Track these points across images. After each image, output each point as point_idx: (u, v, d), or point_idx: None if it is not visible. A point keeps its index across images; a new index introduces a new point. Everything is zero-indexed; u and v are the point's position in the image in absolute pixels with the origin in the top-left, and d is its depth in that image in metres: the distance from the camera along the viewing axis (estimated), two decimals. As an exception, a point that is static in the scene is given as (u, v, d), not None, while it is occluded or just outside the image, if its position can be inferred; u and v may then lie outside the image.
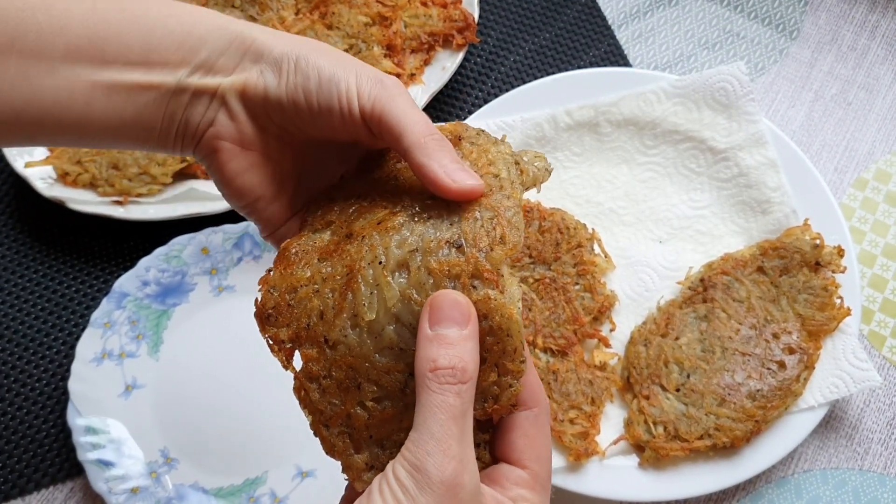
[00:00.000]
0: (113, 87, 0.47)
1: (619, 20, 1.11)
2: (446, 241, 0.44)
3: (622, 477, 0.80)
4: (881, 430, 0.87)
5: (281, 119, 0.49)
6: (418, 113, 0.47)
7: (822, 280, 0.84)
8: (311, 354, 0.44)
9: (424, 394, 0.39)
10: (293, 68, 0.47)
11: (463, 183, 0.44)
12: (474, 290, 0.42)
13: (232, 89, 0.48)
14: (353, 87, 0.47)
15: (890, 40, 1.08)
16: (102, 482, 0.81)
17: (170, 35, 0.48)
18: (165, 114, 0.49)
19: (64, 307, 0.94)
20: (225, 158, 0.50)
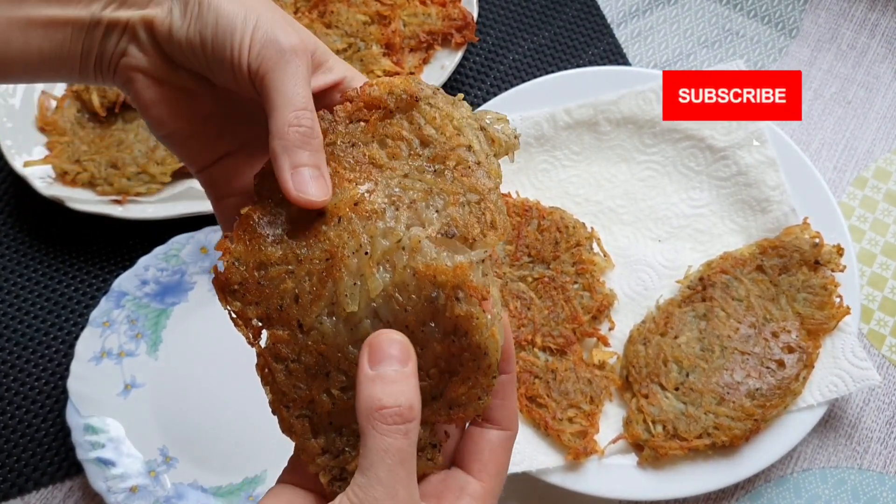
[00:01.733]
0: (30, 23, 0.48)
1: (618, 19, 1.11)
2: (438, 231, 0.43)
3: (621, 476, 0.80)
4: (880, 429, 0.87)
5: (184, 59, 0.48)
6: (300, 89, 0.45)
7: (821, 279, 0.84)
8: (282, 336, 0.43)
9: (370, 436, 0.39)
10: (197, 10, 0.46)
11: (304, 196, 0.43)
12: (458, 302, 0.41)
13: (141, 23, 0.48)
14: (247, 42, 0.45)
15: (890, 38, 1.08)
16: (101, 481, 0.81)
17: None
18: (83, 48, 0.49)
19: (63, 306, 0.94)
20: (139, 88, 0.49)
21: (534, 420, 0.82)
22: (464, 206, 0.44)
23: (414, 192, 0.45)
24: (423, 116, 0.48)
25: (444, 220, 0.43)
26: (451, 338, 0.42)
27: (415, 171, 0.46)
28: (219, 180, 0.54)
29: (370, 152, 0.47)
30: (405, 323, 0.42)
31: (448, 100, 0.49)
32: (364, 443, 0.39)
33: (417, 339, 0.42)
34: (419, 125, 0.48)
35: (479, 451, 0.45)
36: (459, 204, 0.44)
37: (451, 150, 0.46)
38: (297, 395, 0.44)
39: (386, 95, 0.48)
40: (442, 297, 0.41)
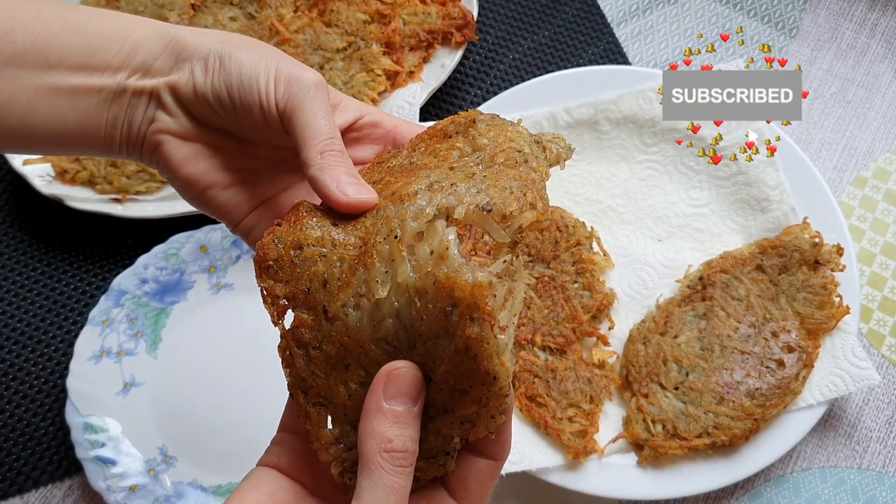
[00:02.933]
0: (55, 91, 0.49)
1: (618, 18, 1.11)
2: (475, 204, 0.42)
3: (621, 475, 0.80)
4: (880, 429, 0.87)
5: (211, 114, 0.50)
6: (325, 120, 0.47)
7: (821, 278, 0.84)
8: (306, 320, 0.43)
9: (377, 472, 0.40)
10: (218, 66, 0.49)
11: (355, 196, 0.44)
12: (471, 322, 0.40)
13: (165, 87, 0.50)
14: (272, 85, 0.48)
15: (889, 38, 1.08)
16: (101, 480, 0.81)
17: (109, 41, 0.50)
18: (108, 117, 0.51)
19: (62, 305, 0.94)
20: (168, 150, 0.51)
21: (533, 419, 0.82)
22: (504, 189, 0.43)
23: (455, 178, 0.44)
24: (478, 131, 0.49)
25: (482, 197, 0.42)
26: (461, 357, 0.40)
27: (461, 165, 0.46)
28: (255, 228, 0.55)
29: (422, 161, 0.48)
30: (420, 331, 0.41)
31: (506, 122, 0.50)
32: (369, 475, 0.40)
33: (430, 352, 0.41)
34: (473, 137, 0.49)
35: (466, 477, 0.46)
36: (501, 187, 0.43)
37: (502, 151, 0.47)
38: (315, 383, 0.44)
39: (448, 125, 0.50)
40: (456, 314, 0.40)
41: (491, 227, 0.42)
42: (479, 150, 0.47)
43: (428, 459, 0.44)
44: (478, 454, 0.46)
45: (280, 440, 0.48)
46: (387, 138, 0.55)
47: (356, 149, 0.55)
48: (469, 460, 0.46)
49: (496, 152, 0.47)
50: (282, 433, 0.48)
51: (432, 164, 0.47)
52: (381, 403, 0.41)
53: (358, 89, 0.96)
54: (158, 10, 1.01)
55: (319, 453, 0.44)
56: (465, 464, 0.46)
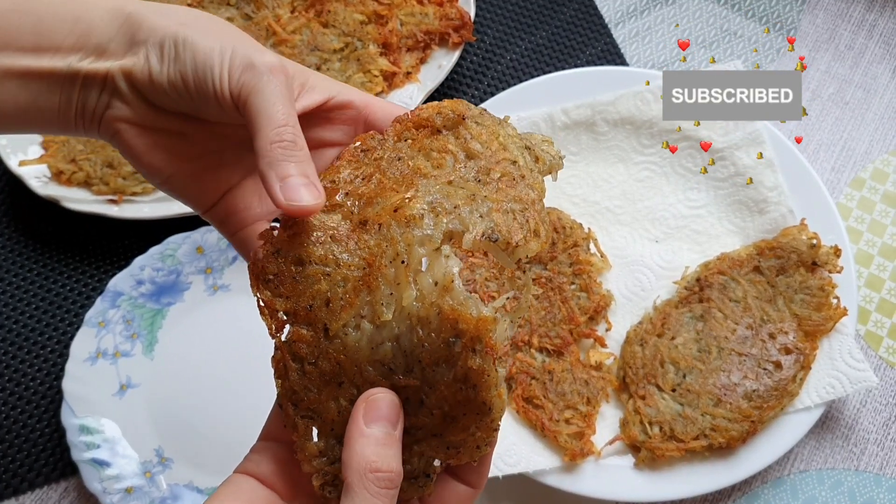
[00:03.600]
0: (5, 74, 0.47)
1: (615, 19, 1.11)
2: (481, 234, 0.42)
3: (618, 477, 0.80)
4: (877, 431, 0.87)
5: (169, 102, 0.49)
6: (280, 106, 0.45)
7: (818, 280, 0.84)
8: (305, 336, 0.43)
9: (361, 495, 0.40)
10: (174, 53, 0.47)
11: (296, 204, 0.43)
12: (473, 354, 0.41)
13: (120, 73, 0.48)
14: (226, 73, 0.46)
15: (887, 39, 1.08)
16: (97, 482, 0.81)
17: (61, 20, 0.48)
18: (61, 100, 0.49)
19: (58, 306, 0.93)
20: (127, 138, 0.50)
21: (530, 421, 0.82)
22: (507, 214, 0.44)
23: (457, 198, 0.44)
24: (469, 132, 0.48)
25: (488, 225, 0.43)
26: (459, 385, 0.42)
27: (459, 178, 0.46)
28: (229, 216, 0.54)
29: (415, 163, 0.48)
30: (419, 357, 0.42)
31: (495, 119, 0.50)
32: (353, 498, 0.41)
33: (427, 377, 0.42)
34: (465, 139, 0.48)
35: (444, 499, 0.47)
36: (503, 211, 0.44)
37: (497, 162, 0.47)
38: (306, 397, 0.44)
39: (435, 115, 0.49)
40: (459, 345, 0.41)
41: (498, 254, 0.43)
42: (474, 158, 0.47)
43: (409, 480, 0.45)
44: (457, 479, 0.47)
45: (261, 448, 0.48)
46: (358, 119, 0.53)
47: (327, 129, 0.54)
48: (450, 484, 0.47)
49: (492, 164, 0.47)
50: (263, 441, 0.48)
51: (427, 171, 0.47)
52: (363, 428, 0.42)
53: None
54: (155, 10, 1.00)
55: (303, 464, 0.45)
56: (446, 487, 0.47)
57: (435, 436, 0.44)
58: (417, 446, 0.44)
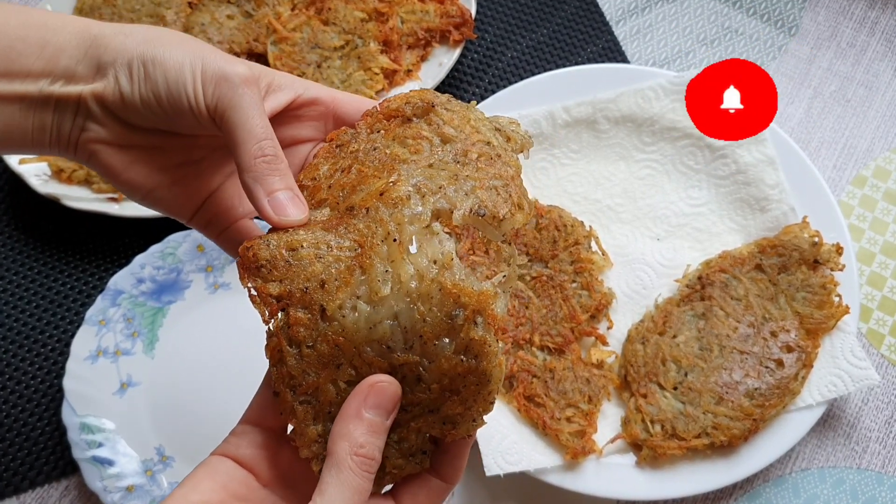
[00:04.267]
0: None
1: (616, 16, 1.11)
2: (469, 208, 0.44)
3: (619, 475, 0.80)
4: (879, 429, 0.87)
5: (143, 120, 0.49)
6: (257, 120, 0.47)
7: (820, 278, 0.84)
8: (302, 319, 0.44)
9: (346, 472, 0.42)
10: (143, 74, 0.47)
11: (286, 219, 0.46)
12: (475, 326, 0.43)
13: (91, 97, 0.48)
14: (200, 87, 0.47)
15: (889, 36, 1.07)
16: (97, 480, 0.81)
17: (29, 45, 0.48)
18: (34, 123, 0.49)
19: (59, 304, 0.93)
20: (104, 158, 0.50)
21: (532, 419, 0.82)
22: (491, 190, 0.45)
23: (440, 179, 0.46)
24: (440, 118, 0.50)
25: (474, 201, 0.44)
26: (460, 357, 0.43)
27: (438, 161, 0.47)
28: (212, 219, 0.55)
29: (392, 151, 0.49)
30: (420, 333, 0.43)
31: (463, 105, 0.52)
32: (338, 473, 0.42)
33: (428, 352, 0.43)
34: (438, 125, 0.50)
35: (416, 493, 0.48)
36: (486, 188, 0.45)
37: (472, 144, 0.48)
38: (304, 381, 0.44)
39: (403, 105, 0.51)
40: (461, 317, 0.42)
41: (486, 229, 0.45)
42: (449, 142, 0.49)
43: (407, 457, 0.46)
44: (433, 473, 0.48)
45: (241, 431, 0.49)
46: (327, 114, 0.54)
47: (296, 127, 0.54)
48: (423, 478, 0.48)
49: (468, 146, 0.48)
50: (243, 425, 0.49)
51: (405, 157, 0.48)
52: (361, 410, 0.43)
53: (356, 88, 0.96)
54: (155, 7, 1.00)
55: (301, 449, 0.45)
56: (420, 479, 0.48)
57: (431, 411, 0.45)
58: (414, 423, 0.45)
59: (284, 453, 0.48)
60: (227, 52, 1.00)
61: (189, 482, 0.45)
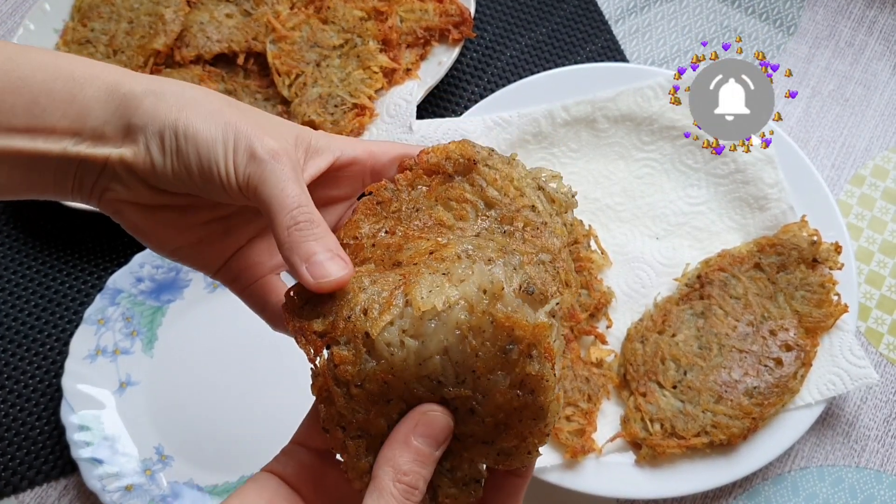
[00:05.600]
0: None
1: (615, 15, 1.11)
2: (518, 285, 0.42)
3: (619, 474, 0.80)
4: (878, 427, 0.87)
5: (174, 188, 0.48)
6: (289, 191, 0.45)
7: (819, 277, 0.84)
8: (347, 357, 0.42)
9: (385, 497, 0.41)
10: (175, 147, 0.46)
11: (326, 279, 0.43)
12: (530, 360, 0.41)
13: (121, 163, 0.47)
14: (231, 165, 0.46)
15: (888, 36, 1.08)
16: (96, 480, 0.81)
17: (55, 100, 0.46)
18: (56, 178, 0.48)
19: (58, 303, 0.93)
20: (130, 216, 0.49)
21: (531, 418, 0.82)
22: (538, 266, 0.44)
23: (489, 251, 0.44)
24: (483, 178, 0.49)
25: (523, 278, 0.43)
26: (516, 391, 0.42)
27: (485, 231, 0.47)
28: (239, 273, 0.54)
29: (436, 214, 0.48)
30: (473, 367, 0.42)
31: (504, 159, 0.51)
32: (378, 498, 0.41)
33: (481, 386, 0.42)
34: (481, 187, 0.49)
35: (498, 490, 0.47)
36: (534, 263, 0.44)
37: (517, 210, 0.47)
38: (355, 419, 0.43)
39: (444, 161, 0.50)
40: (516, 352, 0.41)
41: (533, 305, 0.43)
42: (493, 207, 0.48)
43: (460, 486, 0.45)
44: None
45: (290, 451, 0.48)
46: (364, 171, 0.54)
47: (336, 188, 0.54)
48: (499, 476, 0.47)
49: (512, 213, 0.47)
50: (293, 444, 0.49)
51: (450, 222, 0.47)
52: (409, 437, 0.42)
53: (355, 86, 0.96)
54: (154, 6, 1.00)
55: (353, 482, 0.44)
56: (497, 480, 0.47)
57: (485, 443, 0.44)
58: (467, 453, 0.44)
59: (331, 474, 0.48)
60: (225, 50, 1.00)
61: (237, 497, 0.45)
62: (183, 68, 1.00)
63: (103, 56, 0.99)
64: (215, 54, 1.00)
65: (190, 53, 0.99)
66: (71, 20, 1.04)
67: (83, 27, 1.02)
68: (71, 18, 1.04)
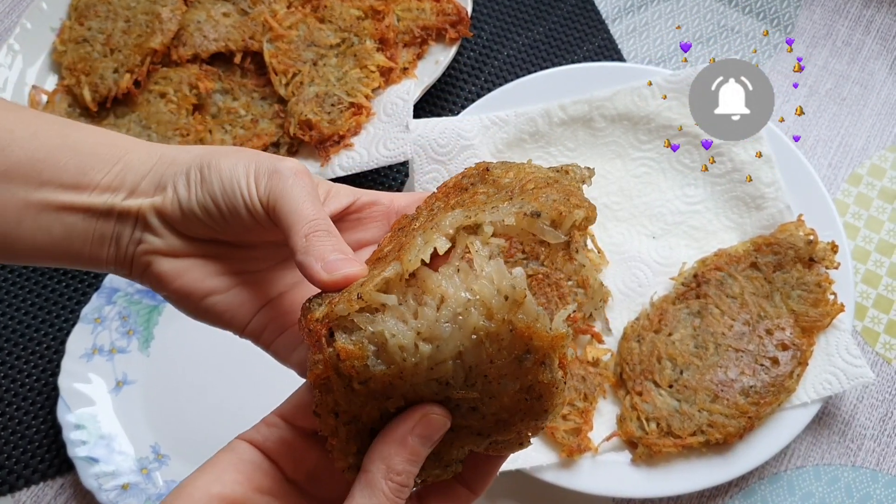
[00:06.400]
0: (44, 207, 0.50)
1: (612, 14, 1.11)
2: (522, 212, 0.42)
3: (615, 473, 0.80)
4: (874, 427, 0.87)
5: (200, 228, 0.50)
6: (308, 203, 0.47)
7: (815, 276, 0.84)
8: (352, 352, 0.41)
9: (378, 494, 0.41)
10: (199, 178, 0.49)
11: (339, 273, 0.44)
12: (543, 367, 0.41)
13: (151, 209, 0.50)
14: (252, 182, 0.48)
15: (884, 35, 1.08)
16: (92, 479, 0.81)
17: (103, 160, 0.51)
18: (94, 235, 0.51)
19: (54, 302, 0.93)
20: (158, 267, 0.51)
21: (527, 417, 0.82)
22: (547, 199, 0.44)
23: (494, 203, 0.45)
24: (495, 175, 0.50)
25: (529, 207, 0.43)
26: (524, 396, 0.42)
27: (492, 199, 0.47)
28: (265, 327, 0.53)
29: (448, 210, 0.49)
30: (485, 373, 0.41)
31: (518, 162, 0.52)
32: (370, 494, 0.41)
33: (490, 389, 0.42)
34: (494, 180, 0.50)
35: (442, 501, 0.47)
36: (543, 199, 0.44)
37: (529, 180, 0.48)
38: (349, 408, 0.43)
39: (461, 179, 0.52)
40: (531, 361, 0.41)
41: (542, 231, 0.43)
42: (505, 188, 0.48)
43: (444, 467, 0.45)
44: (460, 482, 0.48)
45: (272, 422, 0.48)
46: (388, 214, 0.55)
47: (360, 231, 0.55)
48: (450, 485, 0.48)
49: (524, 182, 0.48)
50: (275, 416, 0.48)
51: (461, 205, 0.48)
52: (407, 437, 0.42)
53: (352, 85, 0.96)
54: (151, 4, 1.00)
55: (337, 461, 0.44)
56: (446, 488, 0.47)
57: (480, 434, 0.44)
58: (458, 440, 0.44)
59: (311, 454, 0.48)
60: (222, 49, 1.00)
61: (210, 469, 0.44)
62: (180, 67, 1.00)
63: (100, 55, 0.99)
64: (212, 53, 1.00)
65: (187, 52, 0.99)
66: (68, 19, 1.04)
67: (80, 26, 1.02)
68: (68, 17, 1.04)
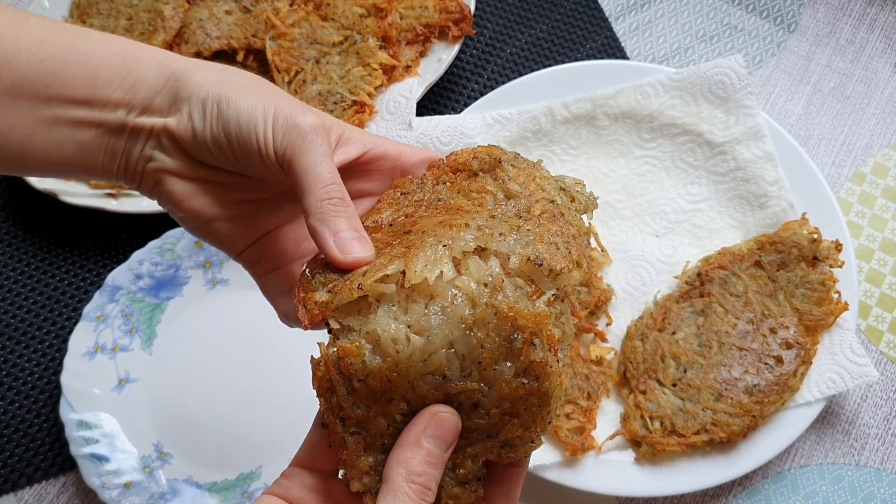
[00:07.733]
0: (55, 123, 0.49)
1: (616, 12, 1.11)
2: (527, 256, 0.43)
3: (618, 472, 0.80)
4: (878, 426, 0.87)
5: (210, 157, 0.50)
6: (325, 165, 0.47)
7: (819, 275, 0.84)
8: (351, 350, 0.42)
9: (400, 498, 0.42)
10: (216, 112, 0.49)
11: (352, 255, 0.45)
12: (534, 348, 0.42)
13: (164, 130, 0.50)
14: (270, 132, 0.48)
15: (888, 33, 1.07)
16: (95, 477, 0.81)
17: (113, 73, 0.49)
18: (106, 150, 0.51)
19: (56, 301, 0.93)
20: (169, 187, 0.51)
21: (531, 416, 0.82)
22: (550, 245, 0.45)
23: (501, 227, 0.45)
24: (506, 174, 0.50)
25: (532, 250, 0.44)
26: (521, 380, 0.43)
27: (501, 214, 0.48)
28: (260, 259, 0.55)
29: (456, 202, 0.49)
30: (479, 359, 0.42)
31: (529, 162, 0.52)
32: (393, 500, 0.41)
33: (486, 377, 0.43)
34: (503, 181, 0.50)
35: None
36: (546, 243, 0.45)
37: (536, 201, 0.48)
38: (354, 414, 0.44)
39: (471, 160, 0.52)
40: (520, 341, 0.42)
41: (539, 278, 0.44)
42: (513, 197, 0.49)
43: (463, 485, 0.45)
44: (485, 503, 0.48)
45: (290, 473, 0.48)
46: (394, 169, 0.55)
47: (364, 181, 0.55)
48: None
49: (531, 203, 0.48)
50: (293, 467, 0.49)
51: (468, 207, 0.48)
52: (420, 439, 0.42)
53: (354, 83, 0.95)
54: (153, 2, 1.00)
55: (352, 482, 0.45)
56: None
57: (490, 436, 0.45)
58: (471, 448, 0.45)
59: (335, 495, 0.48)
60: (225, 47, 1.00)
61: None
62: (182, 65, 0.99)
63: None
64: (215, 51, 1.00)
65: (189, 50, 0.99)
66: (70, 16, 1.04)
67: (82, 23, 1.01)
68: (70, 15, 1.04)
